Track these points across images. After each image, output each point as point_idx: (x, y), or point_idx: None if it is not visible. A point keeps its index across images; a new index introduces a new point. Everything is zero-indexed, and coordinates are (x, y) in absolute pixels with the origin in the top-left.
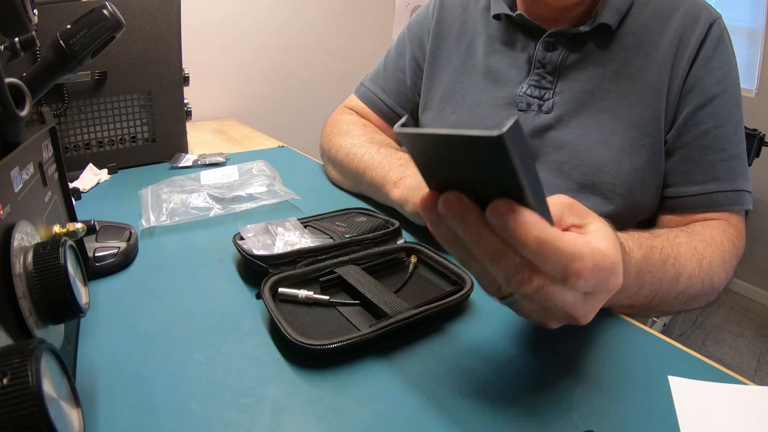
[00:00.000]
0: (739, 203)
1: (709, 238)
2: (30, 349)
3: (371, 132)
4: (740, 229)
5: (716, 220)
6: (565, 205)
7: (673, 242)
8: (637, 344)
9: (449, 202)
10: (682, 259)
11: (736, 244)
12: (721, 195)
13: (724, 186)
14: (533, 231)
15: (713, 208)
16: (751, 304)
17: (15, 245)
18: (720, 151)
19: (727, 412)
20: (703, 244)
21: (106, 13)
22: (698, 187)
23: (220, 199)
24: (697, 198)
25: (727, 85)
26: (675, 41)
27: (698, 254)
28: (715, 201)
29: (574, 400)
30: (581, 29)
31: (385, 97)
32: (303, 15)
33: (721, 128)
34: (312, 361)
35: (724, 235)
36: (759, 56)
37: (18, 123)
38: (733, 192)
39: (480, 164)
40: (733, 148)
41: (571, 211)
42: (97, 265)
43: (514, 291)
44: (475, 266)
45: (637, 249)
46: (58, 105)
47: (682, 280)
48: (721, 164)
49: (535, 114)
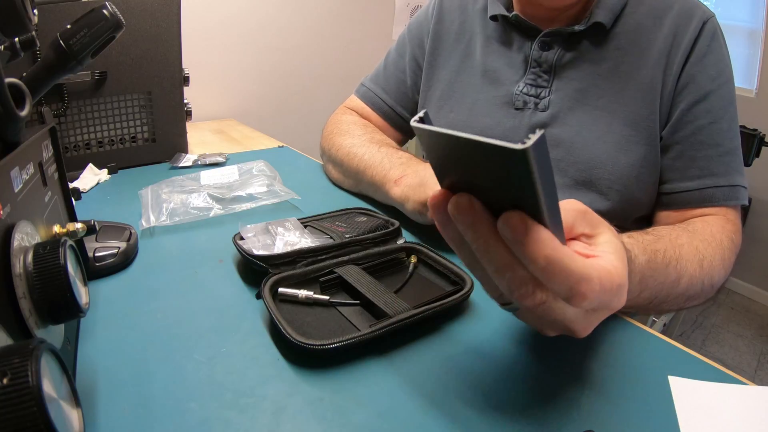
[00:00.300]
0: (735, 198)
1: (710, 237)
2: (30, 349)
3: (372, 132)
4: (737, 224)
5: (715, 216)
6: (578, 212)
7: (675, 243)
8: (637, 344)
9: (461, 206)
10: (684, 261)
11: (735, 240)
12: (717, 190)
13: (720, 181)
14: (544, 249)
15: (709, 203)
16: (751, 304)
17: (15, 245)
18: (715, 147)
19: (727, 412)
20: (704, 244)
21: (106, 13)
22: (694, 182)
23: (220, 199)
24: (692, 193)
25: (721, 81)
26: (669, 39)
27: (699, 255)
28: (711, 196)
29: (574, 400)
30: (576, 28)
31: (385, 97)
32: (303, 15)
33: (716, 124)
34: (312, 361)
35: (723, 232)
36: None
37: (18, 123)
38: (728, 187)
39: (500, 174)
40: (728, 143)
41: (583, 219)
42: (97, 265)
43: (515, 301)
44: (480, 272)
45: (642, 254)
46: (58, 105)
47: (683, 282)
48: (716, 159)
49: (532, 112)
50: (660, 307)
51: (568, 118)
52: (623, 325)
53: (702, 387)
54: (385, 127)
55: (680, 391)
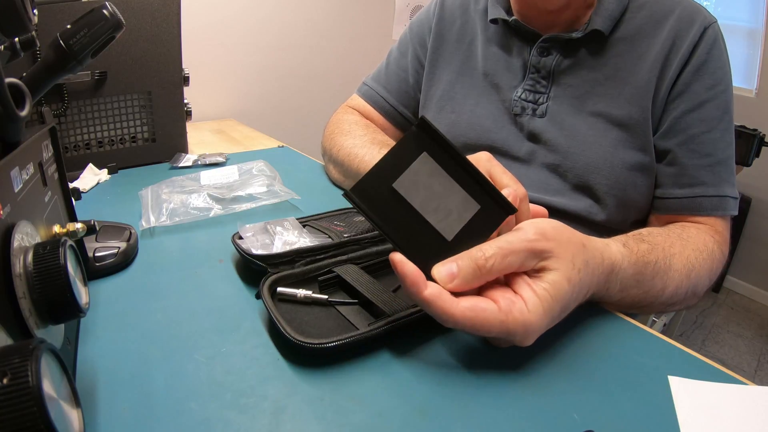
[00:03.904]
0: (722, 209)
1: (702, 246)
2: (30, 349)
3: (373, 132)
4: (725, 235)
5: (704, 225)
6: (528, 252)
7: (667, 253)
8: (637, 344)
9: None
10: (672, 272)
11: (723, 251)
12: (705, 200)
13: (709, 191)
14: (411, 288)
15: (696, 212)
16: (751, 304)
17: (15, 245)
18: (706, 156)
19: (727, 412)
20: (696, 254)
21: (106, 13)
22: (683, 190)
23: (220, 199)
24: (681, 201)
25: (718, 91)
26: (668, 43)
27: (689, 265)
28: (699, 205)
29: (574, 400)
30: (574, 35)
31: (387, 96)
32: (303, 15)
33: (709, 134)
34: (311, 360)
35: (714, 243)
36: (759, 56)
37: (18, 123)
38: (717, 197)
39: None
40: (720, 153)
41: (532, 257)
42: (97, 265)
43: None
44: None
45: (630, 267)
46: (58, 105)
47: (668, 291)
48: (707, 169)
49: (530, 118)
50: (641, 310)
51: (565, 123)
52: (623, 325)
53: (702, 387)
54: (387, 126)
55: (680, 391)
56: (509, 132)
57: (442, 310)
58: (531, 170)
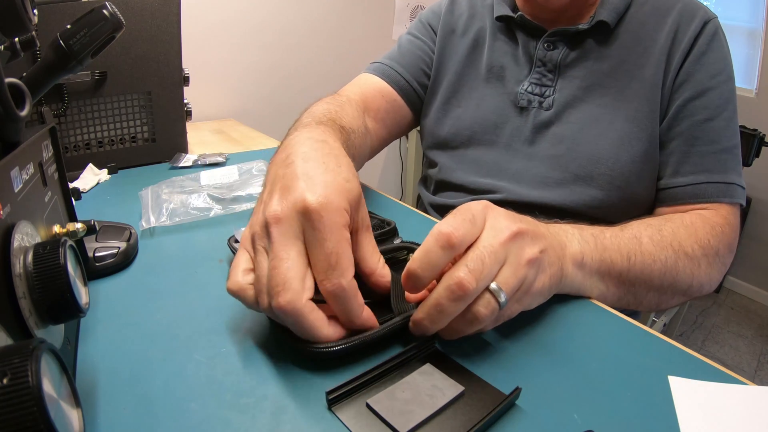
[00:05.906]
0: (729, 195)
1: (689, 220)
2: (30, 349)
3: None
4: (729, 220)
5: (709, 210)
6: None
7: (657, 258)
8: (637, 344)
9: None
10: (656, 280)
11: (723, 239)
12: (710, 186)
13: (714, 177)
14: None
15: (702, 199)
16: (751, 304)
17: (15, 245)
18: (710, 143)
19: (727, 412)
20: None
21: (106, 13)
22: (688, 178)
23: (220, 200)
24: (686, 189)
25: (720, 80)
26: (670, 36)
27: (676, 269)
28: (704, 192)
29: (574, 400)
30: (580, 27)
31: (402, 71)
32: (303, 15)
33: (712, 121)
34: (312, 361)
35: (713, 234)
36: (759, 56)
37: (18, 123)
38: (723, 184)
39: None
40: (724, 141)
41: (451, 247)
42: (97, 265)
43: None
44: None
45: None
46: (58, 105)
47: (651, 295)
48: (711, 156)
49: (536, 111)
50: (629, 307)
51: (572, 115)
52: (623, 325)
53: (702, 387)
54: (399, 105)
55: (680, 391)
56: (514, 125)
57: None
58: (533, 163)
